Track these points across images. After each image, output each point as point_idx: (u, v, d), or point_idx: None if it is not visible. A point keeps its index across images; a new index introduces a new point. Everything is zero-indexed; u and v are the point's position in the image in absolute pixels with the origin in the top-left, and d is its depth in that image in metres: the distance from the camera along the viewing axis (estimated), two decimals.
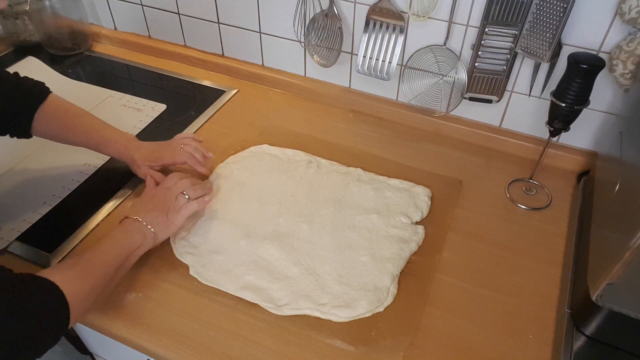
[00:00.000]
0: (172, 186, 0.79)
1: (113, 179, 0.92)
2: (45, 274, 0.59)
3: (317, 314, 0.70)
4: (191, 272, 0.75)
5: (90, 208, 0.86)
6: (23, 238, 0.80)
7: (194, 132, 1.04)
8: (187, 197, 0.78)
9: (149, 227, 0.73)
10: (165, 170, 0.89)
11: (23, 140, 0.84)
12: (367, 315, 0.70)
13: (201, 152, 0.90)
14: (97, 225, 0.83)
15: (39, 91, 0.83)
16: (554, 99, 0.79)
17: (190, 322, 0.70)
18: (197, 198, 0.80)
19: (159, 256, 0.78)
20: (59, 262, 0.73)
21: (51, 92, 0.84)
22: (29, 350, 0.54)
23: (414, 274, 0.76)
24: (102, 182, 0.91)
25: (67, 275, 0.60)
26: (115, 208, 0.86)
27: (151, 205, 0.76)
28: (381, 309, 0.71)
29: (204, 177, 0.91)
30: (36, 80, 0.84)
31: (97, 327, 0.71)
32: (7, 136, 0.83)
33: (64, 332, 0.59)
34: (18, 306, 0.53)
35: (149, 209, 0.75)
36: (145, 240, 0.72)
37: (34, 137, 0.85)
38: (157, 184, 0.83)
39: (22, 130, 0.83)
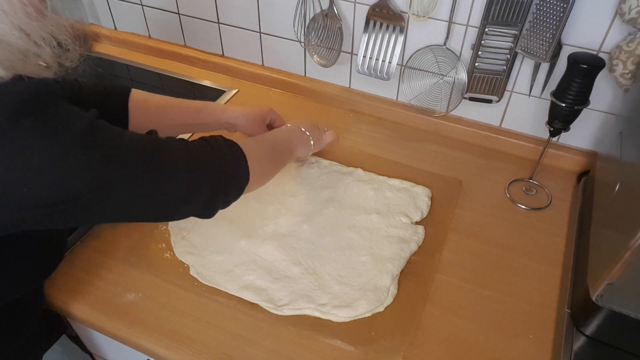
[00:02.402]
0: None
1: None
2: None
3: (317, 314, 0.70)
4: (191, 272, 0.75)
5: None
6: None
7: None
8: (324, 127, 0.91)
9: (309, 137, 0.84)
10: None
11: None
12: (367, 315, 0.70)
13: None
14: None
15: (122, 89, 0.82)
16: (554, 99, 0.79)
17: (190, 322, 0.70)
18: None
19: (159, 256, 0.78)
20: None
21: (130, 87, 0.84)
22: (220, 195, 0.63)
23: (414, 274, 0.76)
24: None
25: (245, 140, 0.68)
26: None
27: (310, 123, 0.86)
28: (381, 309, 0.71)
29: None
30: (113, 83, 0.83)
31: (97, 327, 0.71)
32: None
33: (245, 187, 0.67)
34: (215, 161, 0.62)
35: (309, 125, 0.86)
36: (305, 145, 0.83)
37: None
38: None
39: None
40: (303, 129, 0.84)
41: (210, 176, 0.61)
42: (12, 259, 0.58)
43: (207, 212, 0.63)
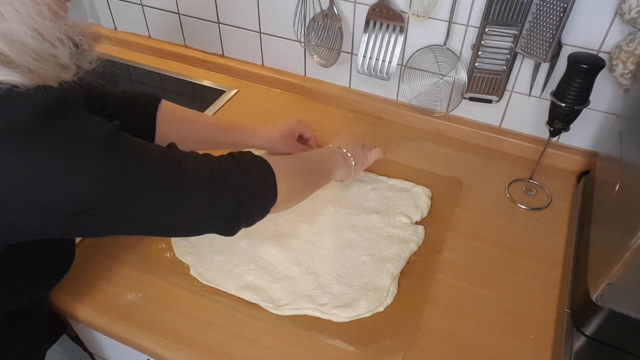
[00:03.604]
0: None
1: None
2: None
3: (317, 314, 0.70)
4: (191, 272, 0.75)
5: None
6: None
7: None
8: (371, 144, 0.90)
9: (350, 157, 0.81)
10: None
11: None
12: (367, 315, 0.70)
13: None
14: None
15: (152, 99, 0.80)
16: (554, 99, 0.79)
17: (190, 322, 0.70)
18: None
19: (159, 256, 0.78)
20: None
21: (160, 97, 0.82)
22: (243, 213, 0.61)
23: (414, 274, 0.76)
24: None
25: (278, 162, 0.66)
26: None
27: (353, 143, 0.85)
28: (381, 309, 0.71)
29: None
30: (142, 91, 0.82)
31: (97, 327, 0.71)
32: None
33: (271, 206, 0.64)
34: (239, 175, 0.60)
35: (352, 145, 0.84)
36: (345, 166, 0.81)
37: None
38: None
39: (146, 137, 0.79)
40: (344, 150, 0.81)
41: (233, 193, 0.59)
42: (23, 267, 0.58)
43: (228, 229, 0.62)
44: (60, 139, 0.46)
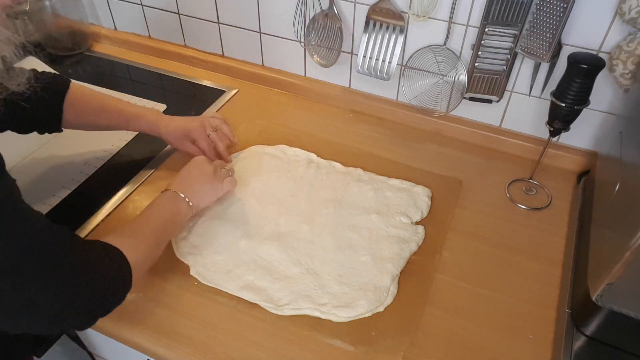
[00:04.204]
0: (208, 161, 0.83)
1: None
2: (107, 240, 0.62)
3: (317, 314, 0.70)
4: (192, 272, 0.75)
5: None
6: None
7: None
8: (227, 171, 0.85)
9: (186, 199, 0.76)
10: None
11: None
12: (367, 315, 0.70)
13: (227, 139, 0.94)
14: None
15: (61, 82, 0.82)
16: (554, 99, 0.79)
17: (190, 322, 0.70)
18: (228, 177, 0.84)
19: (160, 256, 0.78)
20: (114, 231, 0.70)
21: (71, 80, 0.84)
22: (99, 309, 0.59)
23: (414, 274, 0.76)
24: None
25: (126, 242, 0.63)
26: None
27: (192, 179, 0.79)
28: (381, 309, 0.71)
29: None
30: (54, 72, 0.83)
31: (97, 327, 0.71)
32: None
33: (127, 292, 0.63)
34: (91, 269, 0.57)
35: (189, 182, 0.78)
36: (188, 211, 0.76)
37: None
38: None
39: (53, 124, 0.83)
40: (182, 195, 0.75)
41: (90, 292, 0.57)
42: None
43: (84, 322, 0.60)
44: None
